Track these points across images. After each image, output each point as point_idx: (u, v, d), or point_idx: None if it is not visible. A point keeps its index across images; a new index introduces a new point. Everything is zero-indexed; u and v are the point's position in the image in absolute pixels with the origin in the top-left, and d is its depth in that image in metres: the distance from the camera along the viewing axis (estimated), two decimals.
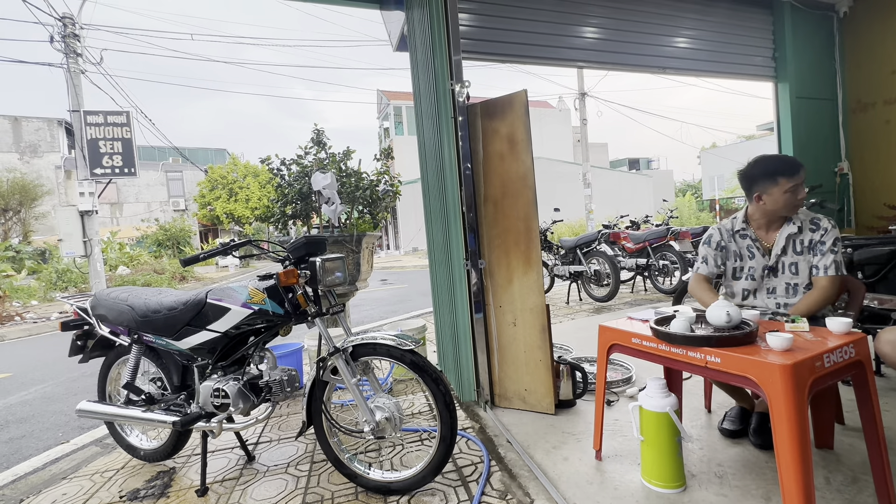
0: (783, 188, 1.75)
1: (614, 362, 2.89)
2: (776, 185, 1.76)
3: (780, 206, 1.79)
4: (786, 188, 1.75)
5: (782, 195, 1.76)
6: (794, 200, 1.76)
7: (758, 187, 1.82)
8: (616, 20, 3.61)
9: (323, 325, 1.76)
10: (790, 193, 1.75)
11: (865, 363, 1.38)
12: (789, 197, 1.76)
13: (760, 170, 1.81)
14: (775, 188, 1.77)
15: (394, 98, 25.21)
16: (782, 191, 1.75)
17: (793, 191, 1.75)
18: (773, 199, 1.79)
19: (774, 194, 1.78)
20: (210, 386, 1.83)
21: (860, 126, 4.39)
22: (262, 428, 2.50)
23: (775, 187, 1.77)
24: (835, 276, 1.73)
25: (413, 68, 3.09)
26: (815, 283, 1.79)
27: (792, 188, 1.75)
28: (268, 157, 3.69)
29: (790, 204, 1.77)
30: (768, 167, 1.80)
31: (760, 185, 1.81)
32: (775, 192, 1.77)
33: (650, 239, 5.79)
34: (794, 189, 1.75)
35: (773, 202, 1.79)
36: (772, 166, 1.79)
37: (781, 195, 1.76)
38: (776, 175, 1.76)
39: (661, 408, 1.54)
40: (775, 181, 1.76)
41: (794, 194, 1.75)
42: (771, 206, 1.81)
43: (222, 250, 1.71)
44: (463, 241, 2.44)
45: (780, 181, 1.76)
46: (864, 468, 1.61)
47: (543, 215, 5.33)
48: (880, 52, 4.18)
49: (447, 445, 1.67)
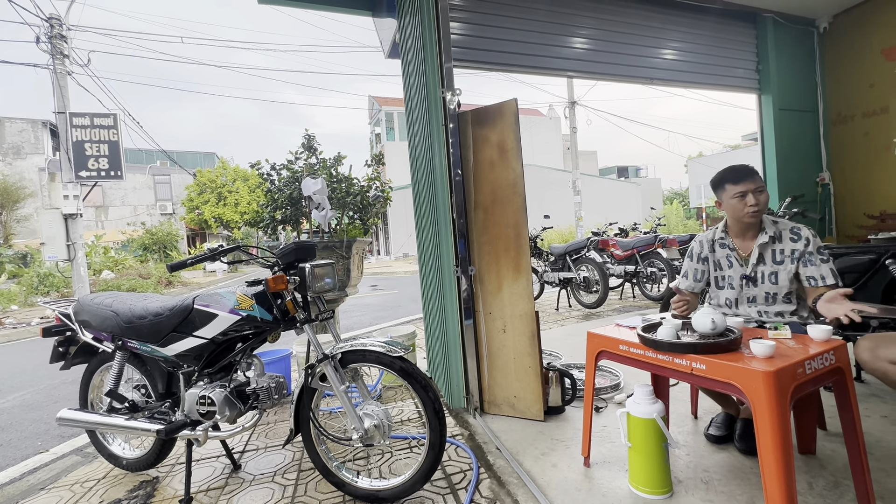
0: (730, 194, 1.81)
1: (603, 369, 2.91)
2: (724, 191, 1.83)
3: (732, 213, 1.84)
4: (732, 194, 1.80)
5: (730, 201, 1.81)
6: (743, 207, 1.78)
7: (718, 195, 1.90)
8: (605, 31, 3.68)
9: (312, 331, 1.75)
10: (737, 199, 1.79)
11: (845, 370, 1.41)
12: (736, 203, 1.79)
13: (716, 178, 1.89)
14: (724, 195, 1.84)
15: (385, 104, 25.28)
16: (729, 196, 1.81)
17: (739, 196, 1.78)
18: (726, 206, 1.86)
19: (725, 201, 1.84)
20: (196, 393, 1.80)
21: (840, 137, 4.52)
22: (249, 436, 2.46)
23: (724, 194, 1.84)
24: (834, 284, 1.71)
25: (405, 75, 3.11)
26: (812, 292, 1.74)
27: (738, 194, 1.78)
28: (258, 162, 3.67)
29: (738, 210, 1.80)
30: (719, 175, 1.88)
31: (716, 192, 1.90)
32: (725, 198, 1.84)
33: (638, 246, 5.86)
34: (740, 195, 1.78)
35: (727, 208, 1.86)
36: (720, 174, 1.87)
37: (729, 201, 1.82)
38: (723, 182, 1.84)
39: (648, 414, 1.56)
40: (724, 188, 1.83)
41: (742, 200, 1.78)
42: (728, 213, 1.87)
43: (210, 255, 1.70)
44: (453, 247, 2.45)
45: (727, 188, 1.82)
46: (845, 473, 1.63)
47: (533, 222, 5.38)
48: (858, 67, 4.31)
49: (436, 453, 1.66)
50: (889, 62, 4.11)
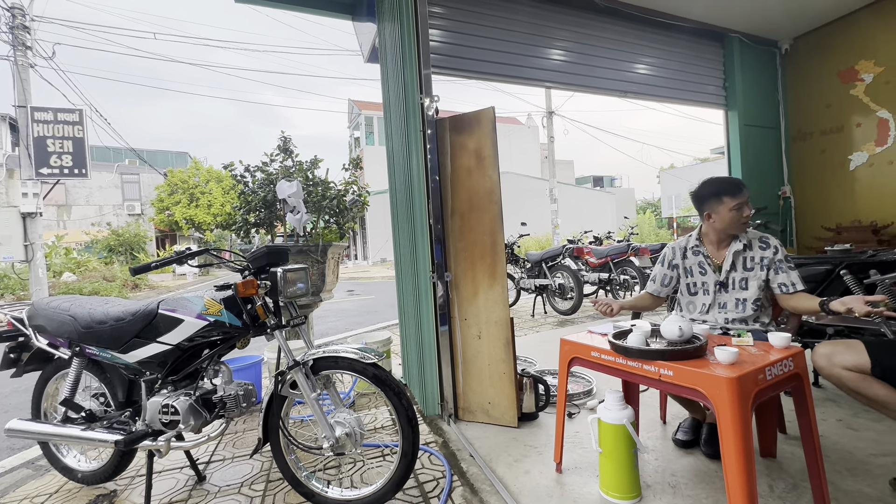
0: (728, 206, 1.88)
1: (576, 375, 2.95)
2: (722, 203, 1.89)
3: (728, 224, 1.90)
4: (731, 206, 1.87)
5: (728, 213, 1.88)
6: (740, 218, 1.88)
7: (707, 206, 1.95)
8: (582, 44, 3.77)
9: (283, 337, 1.71)
10: (735, 211, 1.88)
11: (803, 375, 1.47)
12: (734, 215, 1.88)
13: (708, 190, 1.94)
14: (721, 207, 1.89)
15: (365, 108, 25.17)
16: (728, 209, 1.88)
17: (737, 209, 1.87)
18: (721, 217, 1.91)
19: (721, 212, 1.90)
20: (158, 402, 1.73)
21: (800, 153, 4.76)
22: (215, 446, 2.38)
23: (721, 206, 1.89)
24: (804, 290, 1.83)
25: (383, 80, 3.11)
26: (783, 299, 1.86)
27: (736, 206, 1.87)
28: (231, 163, 3.59)
29: (735, 221, 1.89)
30: (714, 187, 1.93)
31: (709, 204, 1.94)
32: (722, 210, 1.90)
33: (612, 254, 5.99)
34: (738, 207, 1.87)
35: (721, 220, 1.91)
36: (718, 187, 1.92)
37: (727, 213, 1.88)
38: (721, 194, 1.89)
39: (619, 420, 1.59)
40: (721, 200, 1.89)
41: (739, 212, 1.88)
42: (719, 225, 1.93)
43: (177, 258, 1.64)
44: (430, 253, 2.45)
45: (725, 200, 1.88)
46: (803, 475, 1.70)
47: (511, 229, 5.43)
48: (817, 87, 4.56)
49: (409, 461, 1.64)
50: (844, 84, 4.36)
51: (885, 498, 1.55)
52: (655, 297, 2.16)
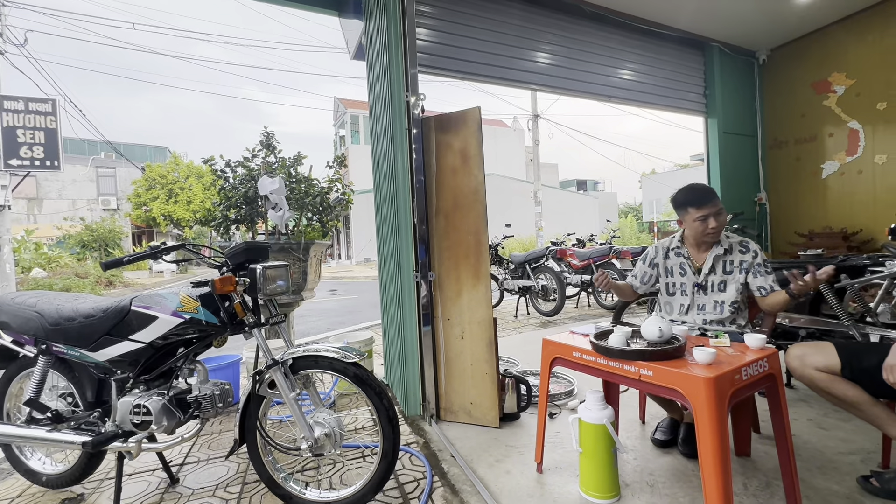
0: (692, 217, 1.92)
1: (558, 375, 2.97)
2: (687, 213, 1.94)
3: (693, 233, 1.95)
4: (694, 217, 1.91)
5: (692, 223, 1.93)
6: (704, 229, 1.90)
7: (679, 213, 2.01)
8: (568, 48, 3.81)
9: (261, 335, 1.67)
10: (699, 222, 1.91)
11: (777, 376, 1.51)
12: (698, 225, 1.92)
13: (680, 198, 1.99)
14: (687, 216, 1.95)
15: (351, 106, 24.96)
16: (692, 219, 1.93)
17: (701, 220, 1.90)
18: (687, 226, 1.97)
19: (688, 221, 1.95)
20: (130, 402, 1.67)
21: (776, 161, 4.90)
22: (190, 447, 2.31)
23: (687, 215, 1.95)
24: (780, 290, 1.88)
25: (369, 78, 3.09)
26: (762, 301, 1.92)
27: (700, 217, 1.90)
28: (211, 158, 3.50)
29: (699, 232, 1.92)
30: (680, 197, 1.98)
31: (679, 211, 2.00)
32: (687, 219, 1.95)
33: (594, 257, 6.07)
34: (702, 218, 1.90)
35: (688, 228, 1.97)
36: (685, 196, 1.97)
37: (691, 223, 1.94)
38: (687, 205, 1.94)
39: (599, 420, 1.60)
40: (686, 210, 1.94)
41: (703, 223, 1.90)
42: (688, 232, 1.98)
43: (151, 253, 1.59)
44: (413, 252, 2.43)
45: (689, 210, 1.93)
46: (776, 473, 1.74)
47: (496, 230, 5.44)
48: (792, 98, 4.71)
49: (389, 462, 1.62)
50: (817, 95, 4.51)
51: (852, 495, 1.60)
52: (633, 291, 2.25)
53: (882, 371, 1.48)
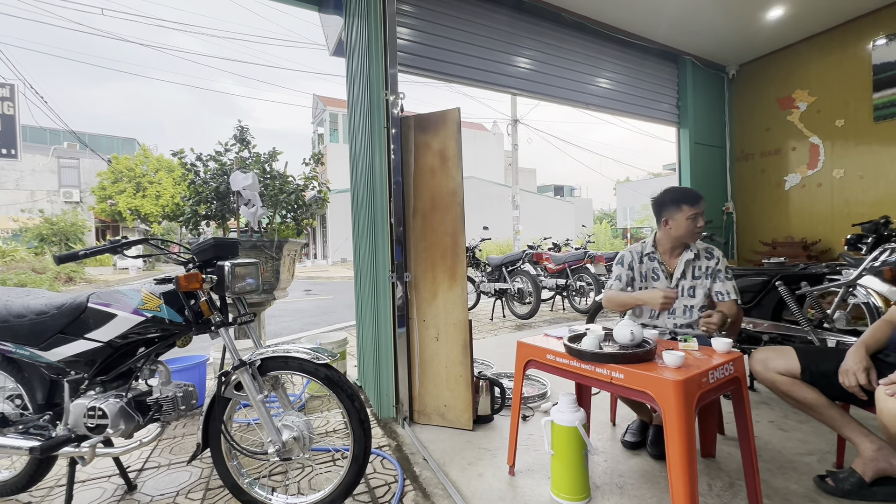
0: (686, 214, 1.97)
1: (531, 378, 2.98)
2: (681, 211, 1.99)
3: (682, 232, 2.00)
4: (688, 215, 1.97)
5: (684, 221, 1.98)
6: (694, 227, 1.99)
7: (666, 212, 2.04)
8: (548, 55, 3.86)
9: (228, 335, 1.61)
10: (691, 220, 1.98)
11: (742, 379, 1.55)
12: (689, 223, 1.98)
13: (670, 197, 2.03)
14: (680, 214, 1.99)
15: (330, 104, 24.64)
16: (685, 217, 1.98)
17: (693, 218, 1.98)
18: (677, 225, 2.00)
19: (678, 220, 1.99)
20: (84, 404, 1.58)
21: (743, 172, 5.10)
22: (150, 452, 2.21)
23: (680, 213, 1.99)
24: (736, 299, 2.00)
25: (348, 75, 3.04)
26: (720, 306, 1.99)
27: (693, 216, 1.97)
28: (181, 151, 3.38)
29: (690, 230, 1.99)
30: (676, 195, 2.03)
31: (668, 210, 2.03)
32: (679, 217, 1.99)
33: (569, 261, 6.16)
34: (694, 217, 1.97)
35: (677, 227, 2.01)
36: (679, 194, 2.03)
37: (684, 221, 1.98)
38: (681, 202, 1.99)
39: (571, 422, 1.61)
40: (680, 207, 1.99)
41: (694, 222, 1.98)
42: (675, 232, 2.02)
43: (111, 248, 1.51)
44: (390, 253, 2.40)
45: (684, 208, 1.98)
46: (739, 474, 1.79)
47: (473, 233, 5.46)
48: (758, 112, 4.91)
49: (359, 465, 1.58)
50: (782, 110, 4.71)
51: (809, 494, 1.66)
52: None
53: (838, 375, 1.55)
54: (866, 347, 1.55)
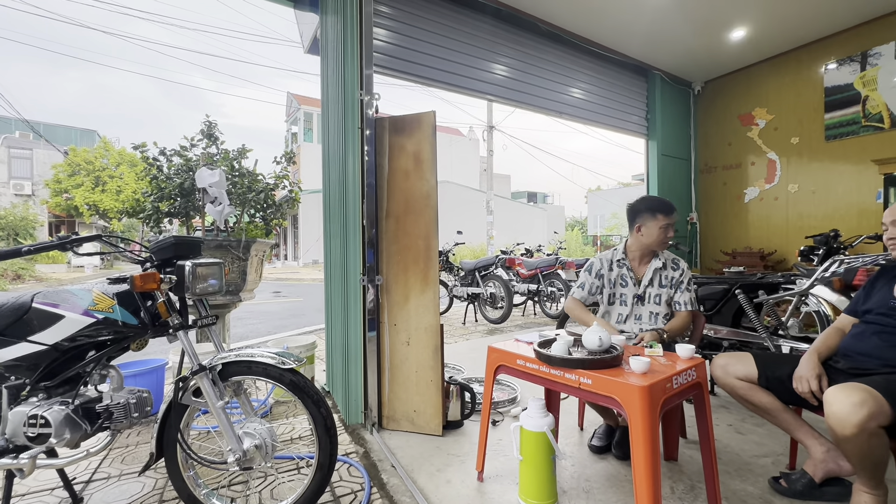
0: (659, 223, 2.05)
1: (502, 383, 2.99)
2: (655, 219, 2.06)
3: (653, 240, 2.07)
4: (661, 224, 2.05)
5: (657, 230, 2.05)
6: (664, 237, 2.06)
7: (640, 219, 2.10)
8: (523, 63, 3.91)
9: (187, 339, 1.54)
10: (663, 230, 2.05)
11: (703, 384, 1.60)
12: (661, 233, 2.05)
13: (646, 205, 2.10)
14: (653, 222, 2.06)
15: (305, 103, 24.21)
16: (658, 225, 2.05)
17: (665, 228, 2.05)
18: (650, 232, 2.07)
19: (651, 227, 2.06)
20: (24, 412, 1.47)
21: (706, 184, 5.31)
22: (99, 462, 2.08)
23: (653, 221, 2.06)
24: (691, 310, 2.09)
25: (323, 74, 2.99)
26: (677, 315, 2.10)
27: (665, 225, 2.05)
28: (143, 144, 3.23)
29: (661, 239, 2.06)
30: (652, 204, 2.10)
31: (642, 217, 2.09)
32: (652, 225, 2.06)
33: (541, 267, 6.24)
34: (666, 227, 2.05)
35: (649, 235, 2.07)
36: (655, 203, 2.10)
37: (657, 229, 2.05)
38: (657, 211, 2.06)
39: (540, 427, 1.61)
40: (654, 216, 2.06)
41: (665, 231, 2.05)
42: (646, 239, 2.08)
43: (59, 244, 1.41)
44: (361, 255, 2.36)
45: (658, 217, 2.05)
46: (700, 476, 1.84)
47: (447, 237, 5.46)
48: (721, 128, 5.14)
49: (325, 473, 1.54)
50: (743, 126, 4.95)
51: (765, 495, 1.73)
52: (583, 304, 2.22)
53: (792, 380, 1.62)
54: (818, 354, 1.63)
